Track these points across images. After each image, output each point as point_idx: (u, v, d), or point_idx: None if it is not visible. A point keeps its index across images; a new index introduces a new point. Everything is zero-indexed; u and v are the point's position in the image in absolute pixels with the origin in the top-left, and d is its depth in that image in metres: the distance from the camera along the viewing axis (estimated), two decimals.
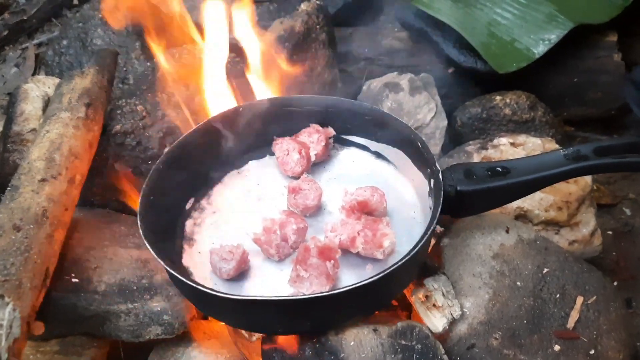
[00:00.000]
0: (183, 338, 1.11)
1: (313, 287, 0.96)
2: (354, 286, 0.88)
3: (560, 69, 1.56)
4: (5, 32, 2.21)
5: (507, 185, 1.01)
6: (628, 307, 1.34)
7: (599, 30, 1.57)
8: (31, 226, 0.98)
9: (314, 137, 1.21)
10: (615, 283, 1.23)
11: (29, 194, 1.03)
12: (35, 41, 2.20)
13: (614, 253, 1.46)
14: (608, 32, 1.58)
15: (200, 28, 1.63)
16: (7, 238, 0.95)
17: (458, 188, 1.01)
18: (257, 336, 1.09)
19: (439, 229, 1.23)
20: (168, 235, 1.08)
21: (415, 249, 0.92)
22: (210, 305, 0.97)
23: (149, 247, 0.94)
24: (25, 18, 2.21)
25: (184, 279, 0.90)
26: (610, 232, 1.48)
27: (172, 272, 0.91)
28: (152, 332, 1.07)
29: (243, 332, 1.10)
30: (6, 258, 0.91)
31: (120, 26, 1.68)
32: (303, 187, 1.11)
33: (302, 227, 1.07)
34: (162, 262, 0.92)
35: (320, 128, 1.22)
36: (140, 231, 0.97)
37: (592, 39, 1.57)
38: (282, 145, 1.20)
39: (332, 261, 0.97)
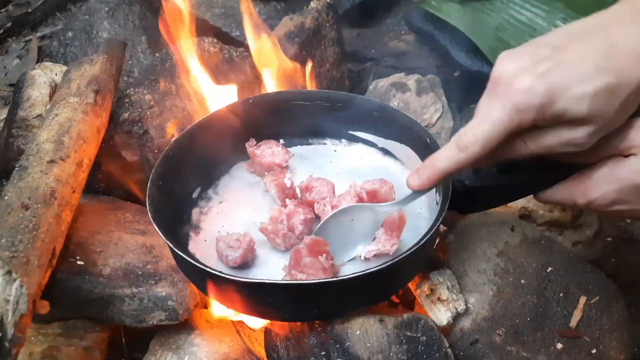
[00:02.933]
0: (186, 325, 1.11)
1: None
2: (361, 273, 0.88)
3: None
4: (9, 24, 2.21)
5: (515, 182, 1.01)
6: None
7: None
8: (39, 205, 0.98)
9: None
10: None
11: (38, 174, 1.03)
12: (39, 34, 2.20)
13: (613, 259, 1.47)
14: None
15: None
16: (15, 216, 0.95)
17: (466, 183, 1.02)
18: (260, 325, 1.09)
19: (443, 228, 1.24)
20: (175, 222, 1.07)
21: (424, 240, 0.92)
22: (217, 289, 0.97)
23: (157, 229, 0.94)
24: (29, 11, 2.21)
25: (192, 260, 0.90)
26: (609, 239, 1.49)
27: (180, 253, 0.91)
28: (156, 318, 1.07)
29: (246, 320, 1.10)
30: (14, 235, 0.91)
31: None
32: (314, 184, 1.11)
33: (310, 218, 1.07)
34: (169, 244, 0.92)
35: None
36: (150, 214, 0.96)
37: None
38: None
39: (324, 254, 0.97)
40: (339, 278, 0.92)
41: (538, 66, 0.81)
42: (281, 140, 1.23)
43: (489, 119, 0.85)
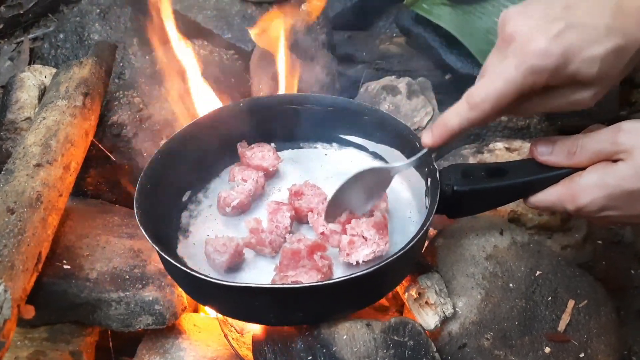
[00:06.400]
0: (173, 329, 1.11)
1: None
2: (348, 277, 0.88)
3: None
4: (1, 26, 2.20)
5: (503, 186, 1.01)
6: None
7: None
8: (25, 210, 0.97)
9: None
10: None
11: (24, 178, 1.03)
12: (31, 35, 2.19)
13: (603, 263, 1.47)
14: None
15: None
16: (0, 220, 0.94)
17: (455, 187, 1.01)
18: (247, 330, 1.08)
19: (432, 231, 1.23)
20: (163, 225, 1.07)
21: (411, 243, 0.92)
22: (203, 293, 0.97)
23: (144, 232, 0.93)
24: (21, 12, 2.20)
25: (178, 265, 0.90)
26: (600, 242, 1.49)
27: (167, 257, 0.90)
28: (143, 322, 1.06)
29: (234, 325, 1.09)
30: None
31: None
32: (305, 192, 1.11)
33: (292, 215, 1.07)
34: (156, 247, 0.92)
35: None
36: (137, 218, 0.96)
37: None
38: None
39: (319, 253, 0.97)
40: (325, 282, 0.92)
41: (551, 27, 0.82)
42: (272, 144, 1.23)
43: (501, 77, 0.85)
